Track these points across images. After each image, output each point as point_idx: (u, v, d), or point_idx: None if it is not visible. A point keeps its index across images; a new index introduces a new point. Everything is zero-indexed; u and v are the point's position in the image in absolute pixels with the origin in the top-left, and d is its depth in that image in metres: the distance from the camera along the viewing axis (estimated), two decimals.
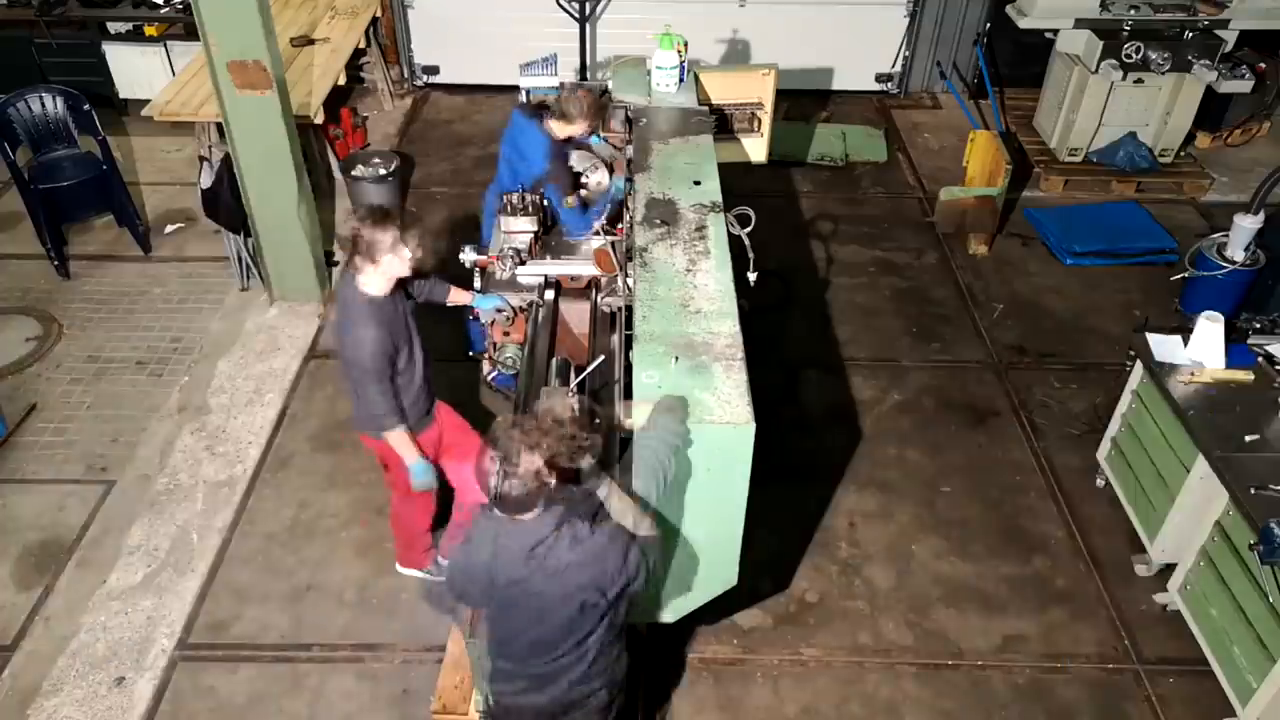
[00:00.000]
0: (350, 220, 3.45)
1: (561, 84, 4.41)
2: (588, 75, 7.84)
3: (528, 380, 3.66)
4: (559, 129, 4.25)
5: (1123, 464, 4.62)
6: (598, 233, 4.04)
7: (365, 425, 3.71)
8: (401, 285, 3.60)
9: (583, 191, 4.29)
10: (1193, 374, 4.21)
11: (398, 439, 3.67)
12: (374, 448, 3.87)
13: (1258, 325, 4.56)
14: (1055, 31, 7.08)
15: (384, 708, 3.91)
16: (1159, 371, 4.28)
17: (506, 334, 4.12)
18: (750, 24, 7.91)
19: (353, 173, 6.42)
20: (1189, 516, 4.09)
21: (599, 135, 4.51)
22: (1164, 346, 4.37)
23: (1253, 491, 3.66)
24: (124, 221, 6.45)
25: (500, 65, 7.19)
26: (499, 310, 4.02)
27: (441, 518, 4.21)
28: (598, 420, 2.75)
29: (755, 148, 5.05)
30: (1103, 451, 4.83)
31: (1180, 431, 4.11)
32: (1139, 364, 4.49)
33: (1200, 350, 4.28)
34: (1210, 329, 4.26)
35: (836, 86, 8.40)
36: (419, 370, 3.72)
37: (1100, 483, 4.85)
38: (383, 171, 6.42)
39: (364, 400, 3.56)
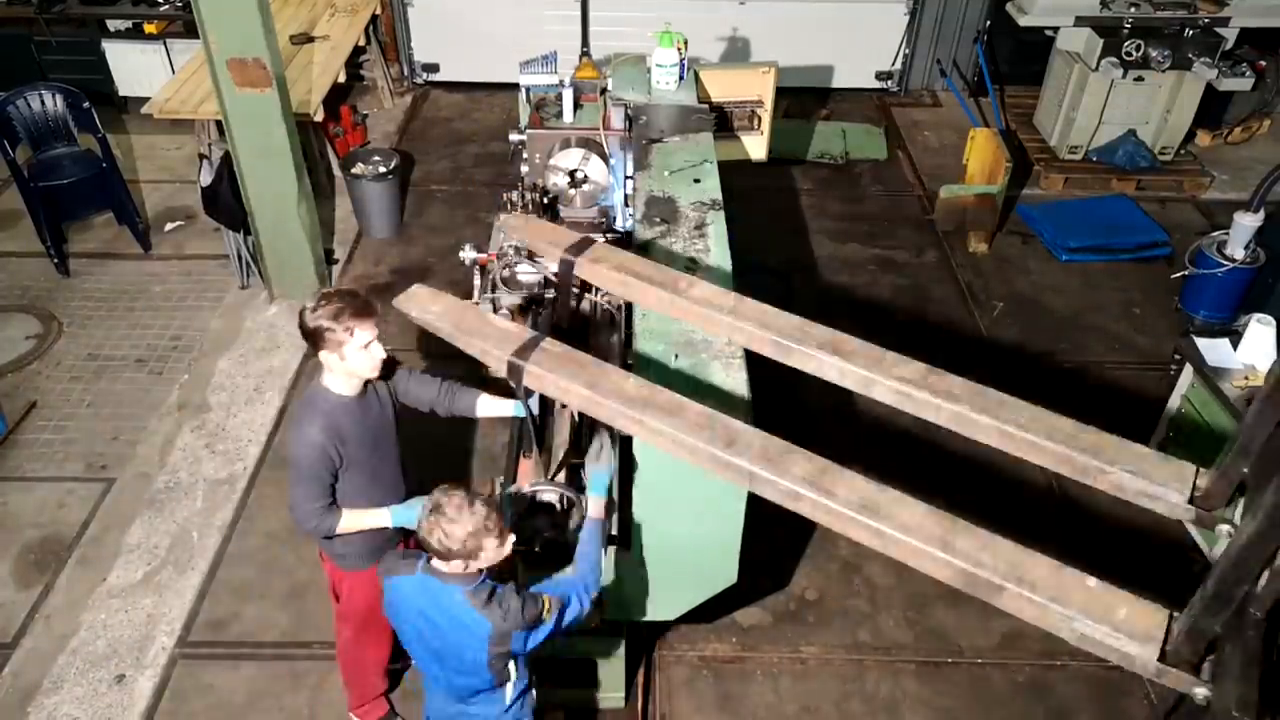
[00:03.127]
0: (310, 306, 2.90)
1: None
2: (589, 44, 7.79)
3: None
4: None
5: None
6: (597, 230, 4.03)
7: (304, 525, 3.12)
8: (386, 388, 3.15)
9: (585, 187, 4.26)
10: (1246, 378, 4.15)
11: (349, 522, 3.09)
12: (328, 572, 3.41)
13: None
14: (1055, 29, 7.08)
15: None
16: (1211, 376, 4.22)
17: None
18: (750, 22, 7.91)
19: (353, 170, 6.42)
20: None
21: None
22: (1214, 350, 4.32)
23: None
24: (124, 219, 6.45)
25: (500, 63, 7.18)
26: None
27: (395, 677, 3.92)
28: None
29: (755, 145, 5.04)
30: None
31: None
32: (1188, 368, 4.42)
33: (1252, 353, 4.23)
34: (1262, 332, 4.21)
35: (837, 84, 8.39)
36: (382, 497, 3.16)
37: None
38: (383, 169, 6.42)
39: (292, 502, 3.06)
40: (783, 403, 5.27)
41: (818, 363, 2.49)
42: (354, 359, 2.93)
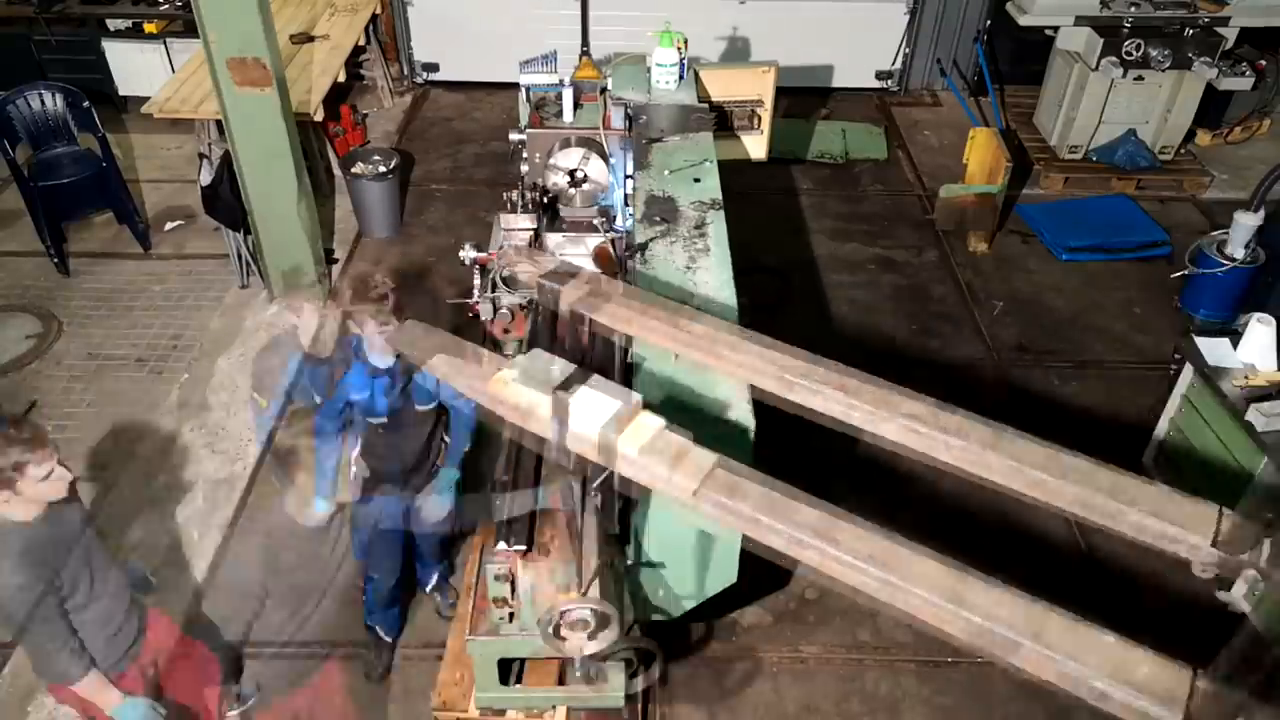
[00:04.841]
0: None
1: None
2: (589, 44, 7.79)
3: None
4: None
5: (1172, 470, 4.56)
6: (597, 229, 4.02)
7: (47, 674, 2.95)
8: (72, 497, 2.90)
9: (585, 187, 4.26)
10: (1247, 377, 4.15)
11: (89, 687, 2.88)
12: (66, 700, 3.06)
13: None
14: (1055, 29, 7.08)
15: (384, 704, 3.92)
16: (1211, 375, 4.22)
17: (506, 330, 4.11)
18: (750, 21, 7.91)
19: (352, 170, 6.42)
20: None
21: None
22: (1214, 349, 4.32)
23: None
24: (124, 219, 6.45)
25: (500, 62, 7.18)
26: None
27: None
28: None
29: (755, 145, 5.04)
30: (1149, 455, 4.78)
31: (1241, 436, 4.04)
32: (1188, 367, 4.42)
33: (1252, 352, 4.24)
34: (1262, 331, 4.21)
35: (837, 84, 8.40)
36: (111, 598, 2.98)
37: None
38: (382, 169, 6.42)
39: (32, 651, 2.86)
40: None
41: (823, 399, 2.37)
42: (37, 491, 2.69)
